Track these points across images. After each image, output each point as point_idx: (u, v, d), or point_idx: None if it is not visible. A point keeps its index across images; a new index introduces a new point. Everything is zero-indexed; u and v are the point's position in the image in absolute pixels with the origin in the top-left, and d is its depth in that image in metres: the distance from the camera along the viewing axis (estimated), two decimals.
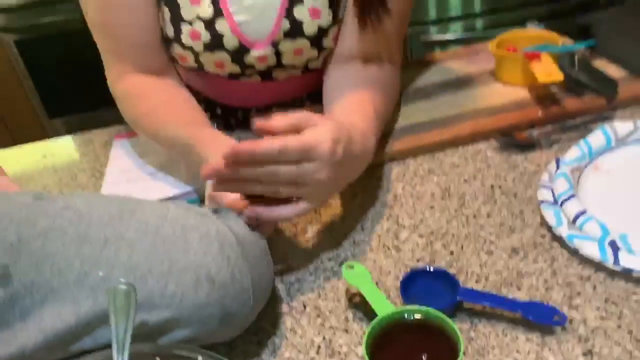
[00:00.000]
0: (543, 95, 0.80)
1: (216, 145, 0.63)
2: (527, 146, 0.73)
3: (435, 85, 0.87)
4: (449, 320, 0.46)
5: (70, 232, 0.49)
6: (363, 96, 0.68)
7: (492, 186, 0.68)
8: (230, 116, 0.87)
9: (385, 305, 0.50)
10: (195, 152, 0.65)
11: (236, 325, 0.51)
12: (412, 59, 0.82)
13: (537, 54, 0.78)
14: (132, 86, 0.75)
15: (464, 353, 0.47)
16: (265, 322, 0.55)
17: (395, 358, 0.46)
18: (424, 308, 0.48)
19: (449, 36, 2.04)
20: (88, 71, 2.33)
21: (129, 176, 0.79)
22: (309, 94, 0.87)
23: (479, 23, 2.05)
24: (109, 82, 0.78)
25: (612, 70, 0.83)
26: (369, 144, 0.62)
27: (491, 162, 0.72)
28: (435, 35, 2.03)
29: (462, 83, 0.86)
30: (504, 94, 0.82)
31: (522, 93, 0.81)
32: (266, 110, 0.86)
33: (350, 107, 0.66)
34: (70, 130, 0.97)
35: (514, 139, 0.73)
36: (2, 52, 2.16)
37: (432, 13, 2.01)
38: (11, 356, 0.47)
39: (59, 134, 1.00)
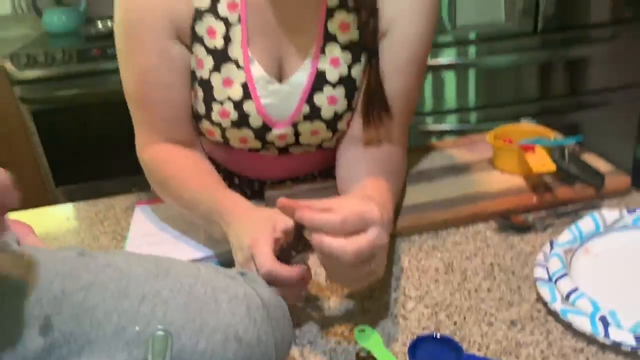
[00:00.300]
0: (537, 183, 0.87)
1: (237, 208, 0.69)
2: (523, 229, 0.79)
3: (438, 169, 0.94)
4: None
5: (111, 287, 0.54)
6: (377, 175, 0.75)
7: (491, 264, 0.73)
8: (246, 187, 0.94)
9: None
10: (217, 213, 0.70)
11: None
12: (412, 147, 0.90)
13: (532, 146, 0.86)
14: (159, 153, 0.82)
15: None
16: None
17: None
18: None
19: (444, 127, 2.17)
20: (96, 143, 2.43)
21: (150, 240, 0.84)
22: (320, 171, 0.94)
23: (473, 116, 2.18)
24: (137, 148, 0.85)
25: (599, 163, 0.91)
26: (390, 216, 0.67)
27: (490, 242, 0.78)
28: (431, 125, 2.15)
29: (462, 169, 0.94)
30: (501, 181, 0.89)
31: (518, 181, 0.89)
32: (280, 182, 0.92)
33: (367, 185, 0.72)
34: (73, 198, 1.03)
35: (511, 222, 0.80)
36: (19, 121, 2.26)
37: (429, 105, 2.14)
38: None
39: (63, 201, 1.06)
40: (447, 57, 2.06)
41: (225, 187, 0.77)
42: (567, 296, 0.62)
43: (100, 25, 2.48)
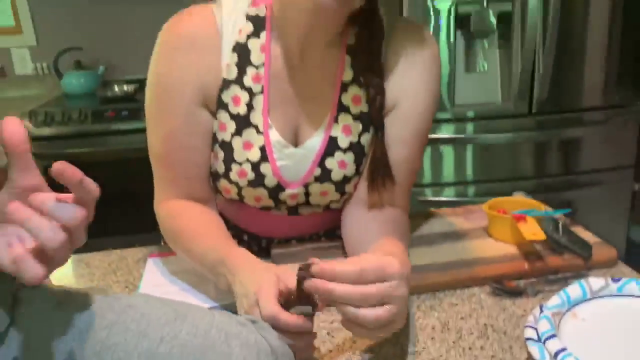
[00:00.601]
0: (529, 252, 0.92)
1: (244, 261, 0.74)
2: (515, 293, 0.84)
3: (437, 235, 1.00)
4: None
5: (132, 327, 0.58)
6: (391, 234, 0.80)
7: (485, 324, 0.78)
8: (254, 243, 0.99)
9: None
10: (224, 266, 0.75)
11: None
12: (412, 213, 0.96)
13: (523, 216, 0.92)
14: (175, 208, 0.88)
15: None
16: None
17: None
18: None
19: (442, 198, 2.24)
20: (103, 200, 2.49)
21: (161, 290, 0.88)
22: (326, 230, 1.00)
23: (470, 190, 2.26)
24: (155, 202, 0.91)
25: (588, 236, 0.97)
26: (409, 271, 0.69)
27: (484, 304, 0.82)
28: (430, 196, 2.23)
29: (459, 235, 1.00)
30: (495, 248, 0.95)
31: (511, 249, 0.94)
32: (287, 241, 0.98)
33: (384, 243, 0.77)
34: (77, 251, 1.09)
35: (504, 286, 0.85)
36: None
37: (428, 177, 2.22)
38: None
39: None
40: (446, 132, 2.16)
41: (234, 243, 0.82)
42: (555, 355, 0.67)
43: (116, 88, 2.60)
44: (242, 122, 0.85)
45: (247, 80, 0.84)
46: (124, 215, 2.23)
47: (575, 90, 2.18)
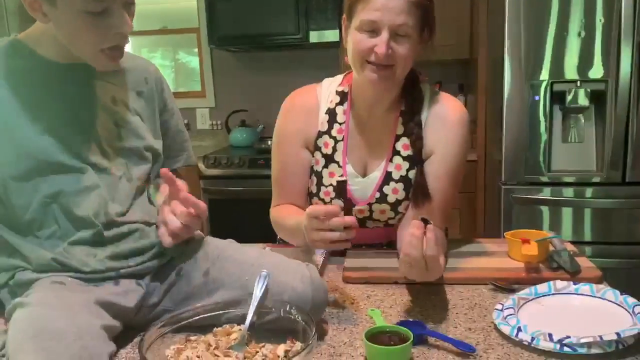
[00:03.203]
0: (531, 267, 1.24)
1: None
2: (507, 290, 1.17)
3: (468, 252, 1.35)
4: (408, 330, 0.91)
5: (237, 258, 1.05)
6: None
7: (476, 304, 1.12)
8: None
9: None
10: (299, 225, 1.17)
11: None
12: (457, 238, 1.32)
13: (528, 240, 1.25)
14: (280, 207, 1.36)
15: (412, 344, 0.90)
16: None
17: (379, 343, 0.91)
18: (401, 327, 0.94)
19: None
20: (252, 233, 3.04)
21: None
22: (387, 242, 1.40)
23: None
24: (271, 207, 1.39)
25: (586, 262, 1.26)
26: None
27: (482, 295, 1.16)
28: None
29: (485, 253, 1.34)
30: (506, 262, 1.28)
31: (518, 264, 1.26)
32: (359, 246, 1.39)
33: None
34: None
35: (499, 284, 1.18)
36: None
37: None
38: (203, 307, 0.99)
39: None
40: (544, 194, 2.42)
41: None
42: (505, 317, 1.00)
43: (270, 143, 3.23)
44: (329, 159, 1.31)
45: (334, 132, 1.31)
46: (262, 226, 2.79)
47: None
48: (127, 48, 1.06)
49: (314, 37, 3.11)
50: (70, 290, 0.92)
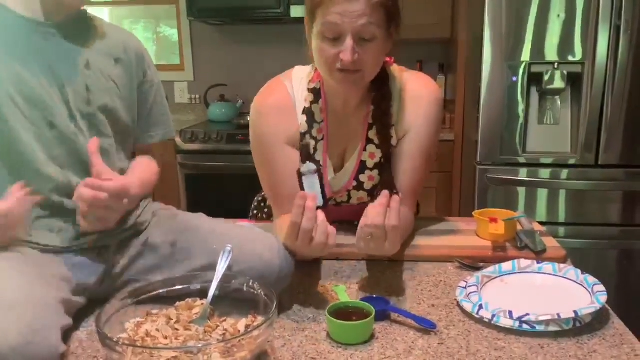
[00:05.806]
0: (498, 246, 1.25)
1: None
2: (473, 268, 1.18)
3: (438, 230, 1.36)
4: (371, 306, 0.92)
5: (206, 227, 1.05)
6: None
7: (441, 281, 1.13)
8: None
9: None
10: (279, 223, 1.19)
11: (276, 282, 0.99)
12: (430, 218, 1.32)
13: (496, 218, 1.26)
14: (286, 219, 1.33)
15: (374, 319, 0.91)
16: None
17: (342, 318, 0.92)
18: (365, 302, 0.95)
19: None
20: (228, 208, 3.04)
21: None
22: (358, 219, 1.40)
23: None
24: (274, 221, 1.36)
25: (552, 242, 1.27)
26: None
27: (448, 272, 1.18)
28: None
29: (454, 232, 1.36)
30: (473, 241, 1.30)
31: (485, 243, 1.28)
32: (333, 223, 1.39)
33: None
34: None
35: (465, 262, 1.19)
36: (175, 182, 2.98)
37: None
38: (165, 281, 0.99)
39: None
40: (521, 175, 2.44)
41: None
42: (469, 295, 1.01)
43: (249, 119, 3.21)
44: (311, 160, 1.28)
45: (314, 132, 1.29)
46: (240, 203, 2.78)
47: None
48: (105, 18, 1.04)
49: (295, 11, 3.06)
50: (28, 262, 0.91)
